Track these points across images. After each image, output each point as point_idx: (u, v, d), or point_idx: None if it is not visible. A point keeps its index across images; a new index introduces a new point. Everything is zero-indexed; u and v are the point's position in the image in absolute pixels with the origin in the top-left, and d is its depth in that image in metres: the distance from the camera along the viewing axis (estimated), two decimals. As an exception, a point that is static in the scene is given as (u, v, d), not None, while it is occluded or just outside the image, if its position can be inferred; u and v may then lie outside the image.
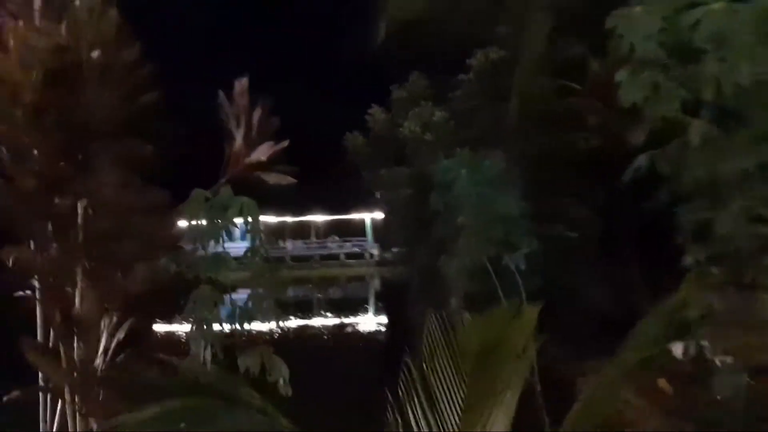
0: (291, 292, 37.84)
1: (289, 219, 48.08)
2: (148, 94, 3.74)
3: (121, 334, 3.39)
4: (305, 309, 26.67)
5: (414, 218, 11.01)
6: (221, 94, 5.78)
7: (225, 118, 5.72)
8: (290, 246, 47.19)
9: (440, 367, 2.50)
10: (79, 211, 3.52)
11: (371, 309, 27.70)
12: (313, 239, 47.30)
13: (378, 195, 14.60)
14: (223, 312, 3.49)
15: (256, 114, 5.51)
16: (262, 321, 3.52)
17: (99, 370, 3.44)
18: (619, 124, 10.66)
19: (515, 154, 10.16)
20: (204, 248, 3.54)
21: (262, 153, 5.43)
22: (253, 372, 3.35)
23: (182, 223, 3.54)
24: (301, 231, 47.82)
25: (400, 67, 13.52)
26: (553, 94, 10.67)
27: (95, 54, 3.40)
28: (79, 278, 3.43)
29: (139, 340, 3.55)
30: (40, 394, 3.44)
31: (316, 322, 22.96)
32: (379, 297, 30.99)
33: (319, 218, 47.02)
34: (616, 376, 2.74)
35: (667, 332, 2.91)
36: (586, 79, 11.40)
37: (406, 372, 2.50)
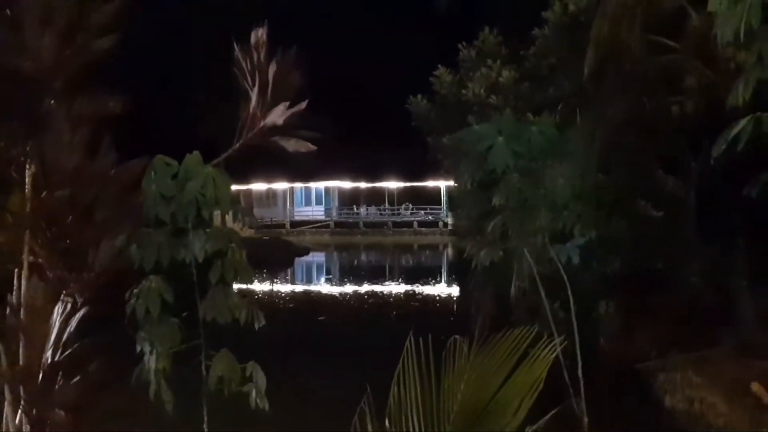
0: (363, 257, 38.13)
1: (363, 184, 48.12)
2: (106, 37, 3.10)
3: (73, 324, 2.85)
4: (377, 275, 26.52)
5: (477, 190, 10.10)
6: (236, 45, 5.13)
7: (239, 74, 5.08)
8: (363, 212, 47.35)
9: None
10: (27, 179, 2.97)
11: (443, 279, 27.10)
12: (387, 206, 47.09)
13: (445, 163, 13.73)
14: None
15: (272, 70, 4.82)
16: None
17: (47, 366, 2.94)
18: (723, 87, 9.20)
19: (593, 119, 8.99)
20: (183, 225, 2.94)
21: (276, 116, 4.77)
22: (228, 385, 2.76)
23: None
24: (376, 197, 47.70)
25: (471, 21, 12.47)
26: (643, 50, 9.29)
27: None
28: (25, 258, 2.90)
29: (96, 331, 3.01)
30: None
31: (387, 288, 22.69)
32: (451, 268, 30.36)
33: (393, 185, 46.56)
34: None
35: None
36: (683, 35, 9.91)
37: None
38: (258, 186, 47.22)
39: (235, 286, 3.10)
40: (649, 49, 9.57)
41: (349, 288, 22.90)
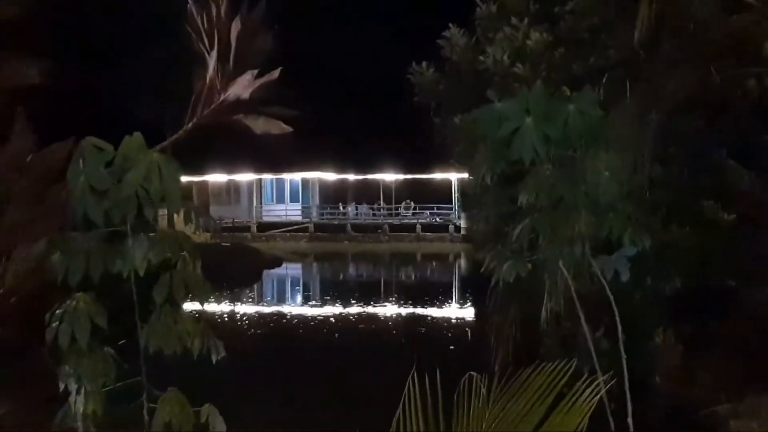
0: (352, 270, 38.25)
1: (351, 176, 48.17)
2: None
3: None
4: (369, 294, 26.60)
5: (498, 185, 10.12)
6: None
7: (194, 34, 5.08)
8: (352, 211, 47.40)
9: None
10: None
11: (454, 299, 27.20)
12: (382, 204, 47.16)
13: (456, 149, 13.77)
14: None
15: (235, 29, 4.83)
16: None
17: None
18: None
19: (647, 95, 9.02)
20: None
21: (241, 88, 4.77)
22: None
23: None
24: (368, 192, 47.77)
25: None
26: (711, 8, 9.35)
27: None
28: None
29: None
30: None
31: (381, 310, 22.77)
32: (464, 285, 30.49)
33: (390, 177, 46.64)
34: None
35: None
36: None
37: None
38: (216, 177, 47.24)
39: (187, 307, 3.10)
40: (720, 6, 9.62)
41: (333, 309, 22.92)
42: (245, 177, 47.63)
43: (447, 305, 24.91)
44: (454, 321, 21.33)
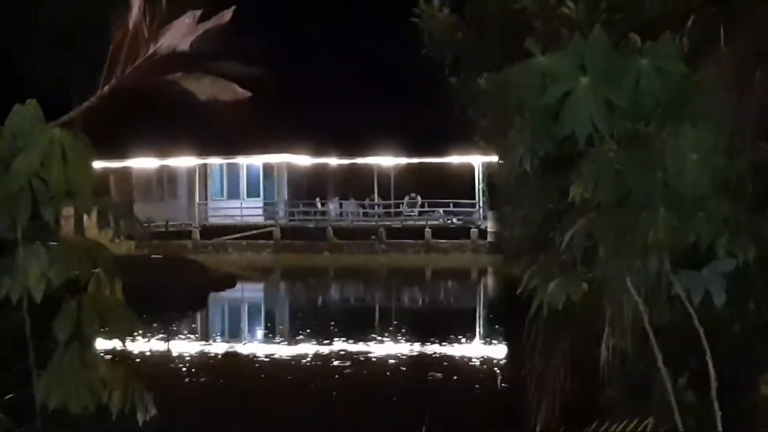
0: (335, 292, 38.31)
1: (333, 161, 48.21)
2: None
3: None
4: (358, 326, 26.68)
5: (541, 173, 10.16)
6: None
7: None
8: (334, 209, 47.48)
9: None
10: None
11: (479, 333, 27.35)
12: (377, 199, 47.26)
13: (482, 123, 13.83)
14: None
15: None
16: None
17: None
18: None
19: (750, 45, 9.07)
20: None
21: (177, 37, 4.80)
22: None
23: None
24: (357, 183, 47.87)
25: None
26: None
27: None
28: None
29: None
30: None
31: (375, 349, 22.89)
32: (493, 312, 30.62)
33: (388, 161, 46.75)
34: None
35: None
36: None
37: None
38: (143, 163, 47.32)
39: (102, 345, 3.11)
40: None
41: (306, 348, 22.96)
42: (184, 162, 47.66)
43: (468, 341, 24.97)
44: (477, 364, 21.39)
